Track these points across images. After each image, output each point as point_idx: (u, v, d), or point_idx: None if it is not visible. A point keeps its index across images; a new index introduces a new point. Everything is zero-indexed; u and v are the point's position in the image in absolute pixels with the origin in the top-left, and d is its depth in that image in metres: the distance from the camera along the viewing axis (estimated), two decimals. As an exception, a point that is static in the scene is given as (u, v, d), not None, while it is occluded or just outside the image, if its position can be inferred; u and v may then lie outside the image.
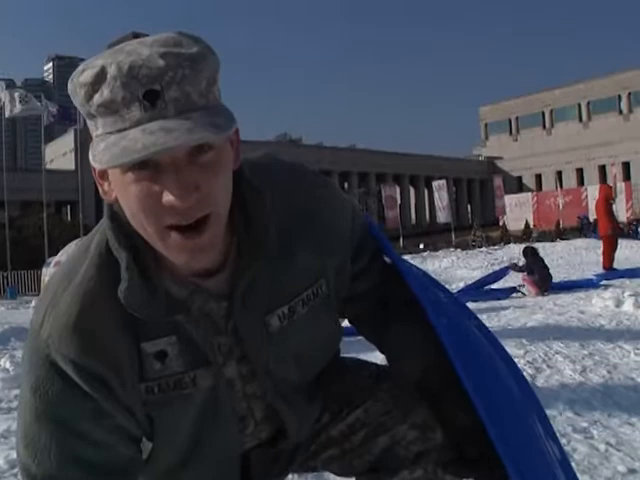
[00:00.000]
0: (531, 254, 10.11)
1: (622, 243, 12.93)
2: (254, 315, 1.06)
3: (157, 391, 1.03)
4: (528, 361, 4.41)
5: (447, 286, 1.41)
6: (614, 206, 12.26)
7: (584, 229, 29.25)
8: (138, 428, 1.05)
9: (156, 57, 0.85)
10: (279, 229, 1.04)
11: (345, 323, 1.37)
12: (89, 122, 0.91)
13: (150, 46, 0.88)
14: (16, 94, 29.57)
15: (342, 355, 1.35)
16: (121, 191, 0.91)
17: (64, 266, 1.07)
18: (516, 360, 1.32)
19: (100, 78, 0.86)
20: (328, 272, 1.14)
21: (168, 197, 0.86)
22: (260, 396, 1.13)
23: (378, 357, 1.33)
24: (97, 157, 0.86)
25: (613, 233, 11.82)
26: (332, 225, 1.13)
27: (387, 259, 1.29)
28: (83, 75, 0.88)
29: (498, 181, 46.03)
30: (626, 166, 62.23)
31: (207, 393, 1.06)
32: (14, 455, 3.07)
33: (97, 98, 0.86)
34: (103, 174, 0.95)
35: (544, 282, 9.49)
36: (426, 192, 67.89)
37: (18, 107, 29.05)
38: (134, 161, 0.83)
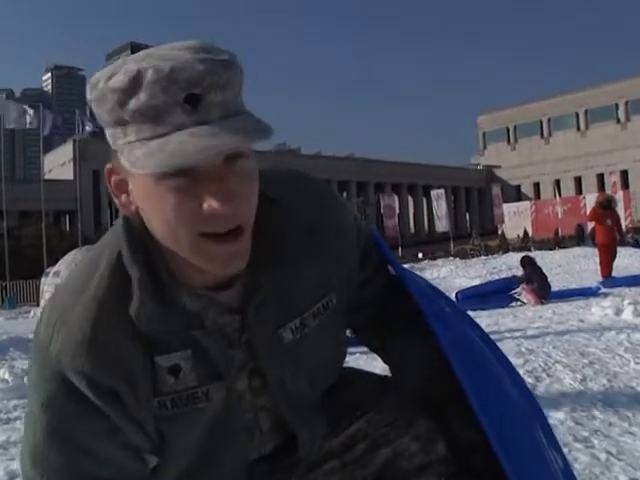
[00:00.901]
0: (529, 263, 10.11)
1: (621, 251, 12.92)
2: (267, 328, 1.05)
3: (170, 406, 1.01)
4: (528, 370, 4.40)
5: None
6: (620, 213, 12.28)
7: (578, 238, 29.27)
8: (148, 443, 1.03)
9: (194, 62, 0.84)
10: (291, 241, 1.04)
11: (347, 333, 1.37)
12: (115, 130, 0.88)
13: (183, 51, 0.86)
14: (15, 108, 29.67)
15: (343, 366, 1.35)
16: (152, 201, 0.88)
17: (72, 281, 1.04)
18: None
19: (137, 82, 0.84)
20: (337, 284, 1.13)
21: (211, 204, 0.85)
22: (268, 409, 1.12)
23: (379, 367, 1.33)
24: (138, 163, 0.83)
25: (608, 241, 11.72)
26: (339, 236, 1.13)
27: (390, 268, 1.29)
28: (114, 80, 0.85)
29: (496, 190, 46.13)
30: (624, 174, 62.31)
31: (218, 406, 1.04)
32: (14, 466, 3.06)
33: (134, 103, 0.84)
34: (121, 185, 0.93)
35: (543, 290, 9.50)
36: (424, 201, 68.00)
37: (18, 120, 29.15)
38: (185, 165, 0.82)
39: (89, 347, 0.95)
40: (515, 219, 47.21)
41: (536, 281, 9.54)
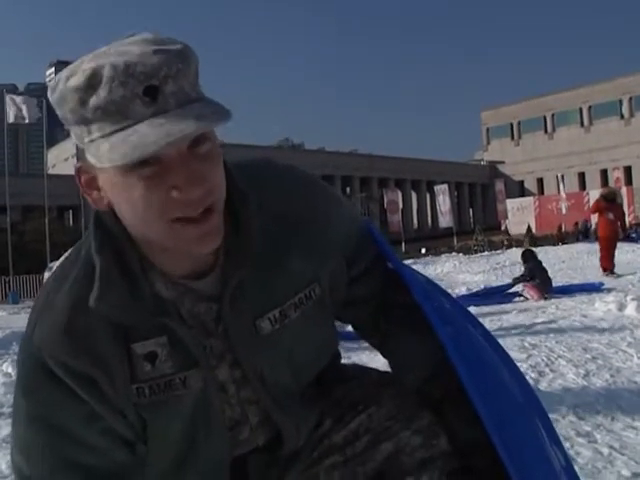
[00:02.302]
0: (531, 257, 10.09)
1: (623, 247, 12.89)
2: (244, 318, 1.06)
3: (148, 393, 1.03)
4: (531, 365, 4.40)
5: (449, 291, 1.40)
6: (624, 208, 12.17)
7: (582, 232, 29.22)
8: (131, 431, 1.05)
9: (149, 54, 0.86)
10: (270, 232, 1.05)
11: (349, 328, 1.37)
12: (78, 128, 0.90)
13: (137, 45, 0.89)
14: (18, 102, 29.65)
15: (344, 361, 1.34)
16: (121, 193, 0.91)
17: (57, 271, 1.08)
18: (518, 364, 1.32)
19: (94, 80, 0.86)
20: (322, 276, 1.13)
21: (179, 190, 0.88)
22: (255, 401, 1.13)
23: (381, 361, 1.33)
24: (103, 157, 0.86)
25: (610, 234, 11.63)
26: (326, 230, 1.13)
27: (390, 264, 1.28)
28: (72, 80, 0.88)
29: (500, 185, 46.10)
30: (628, 170, 62.20)
31: (198, 395, 1.06)
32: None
33: (94, 100, 0.86)
34: (91, 182, 0.95)
35: (546, 285, 9.48)
36: (428, 197, 67.89)
37: (21, 114, 29.14)
38: (149, 154, 0.84)
39: (64, 335, 0.99)
40: (518, 215, 47.14)
41: (538, 276, 9.53)
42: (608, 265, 11.49)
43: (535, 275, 9.54)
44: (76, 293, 1.00)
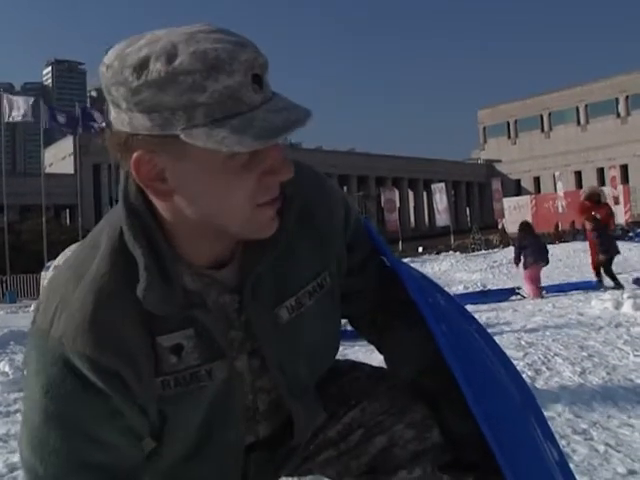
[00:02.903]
0: (525, 227, 10.14)
1: (623, 246, 12.90)
2: (264, 307, 1.07)
3: (173, 385, 1.02)
4: (527, 363, 4.42)
5: (446, 289, 1.41)
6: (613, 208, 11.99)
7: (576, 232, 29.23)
8: (147, 427, 1.03)
9: (241, 45, 0.88)
10: (283, 222, 1.04)
11: (344, 322, 1.37)
12: (172, 114, 0.85)
13: (219, 34, 0.89)
14: (15, 100, 29.62)
15: (337, 358, 1.35)
16: (209, 181, 0.90)
17: (69, 266, 1.04)
18: (515, 362, 1.32)
19: (212, 64, 0.84)
20: (330, 263, 1.15)
21: (273, 174, 0.93)
22: (267, 390, 1.13)
23: (378, 359, 1.34)
24: (227, 141, 0.84)
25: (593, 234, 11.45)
26: (331, 217, 1.15)
27: (385, 261, 1.29)
28: (185, 63, 0.84)
29: (497, 184, 46.24)
30: (624, 169, 62.29)
31: (221, 386, 1.06)
32: (13, 459, 3.07)
33: (213, 85, 0.84)
34: (157, 174, 0.91)
35: (539, 255, 9.49)
36: (425, 195, 67.98)
37: (17, 112, 29.12)
38: (276, 139, 0.86)
39: (90, 329, 0.95)
40: (515, 213, 47.14)
41: (529, 245, 9.57)
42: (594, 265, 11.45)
43: (525, 245, 9.59)
44: (101, 286, 0.97)
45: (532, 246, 9.60)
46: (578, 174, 67.83)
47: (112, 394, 0.97)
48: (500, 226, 43.15)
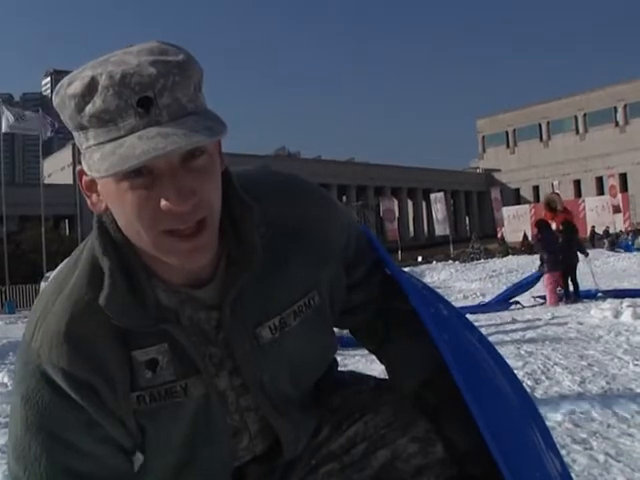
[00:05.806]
0: (543, 227, 9.95)
1: (620, 255, 12.88)
2: (244, 326, 1.06)
3: (149, 400, 1.02)
4: (527, 372, 4.42)
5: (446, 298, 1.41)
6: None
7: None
8: (129, 439, 1.04)
9: (146, 65, 0.87)
10: (269, 240, 1.05)
11: (346, 332, 1.38)
12: (78, 134, 0.91)
13: (137, 55, 0.89)
14: (12, 112, 29.65)
15: (341, 368, 1.35)
16: (115, 200, 0.92)
17: (55, 279, 1.08)
18: (515, 372, 1.33)
19: (91, 88, 0.87)
20: (321, 284, 1.14)
21: (166, 203, 0.88)
22: (254, 409, 1.13)
23: (378, 369, 1.34)
24: (93, 167, 0.86)
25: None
26: (325, 237, 1.14)
27: (387, 271, 1.29)
28: (72, 87, 0.89)
29: (496, 193, 46.18)
30: (623, 177, 62.31)
31: (199, 403, 1.06)
32: (13, 470, 3.06)
33: (89, 108, 0.87)
34: (91, 186, 0.96)
35: (556, 260, 9.23)
36: (424, 205, 67.93)
37: (15, 124, 29.15)
38: (133, 167, 0.84)
39: (65, 342, 0.98)
40: (515, 222, 47.16)
41: (546, 246, 9.31)
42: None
43: (553, 248, 9.38)
44: (77, 299, 1.00)
45: (549, 246, 9.41)
46: (577, 183, 67.82)
47: (87, 405, 0.99)
48: (499, 235, 43.13)
